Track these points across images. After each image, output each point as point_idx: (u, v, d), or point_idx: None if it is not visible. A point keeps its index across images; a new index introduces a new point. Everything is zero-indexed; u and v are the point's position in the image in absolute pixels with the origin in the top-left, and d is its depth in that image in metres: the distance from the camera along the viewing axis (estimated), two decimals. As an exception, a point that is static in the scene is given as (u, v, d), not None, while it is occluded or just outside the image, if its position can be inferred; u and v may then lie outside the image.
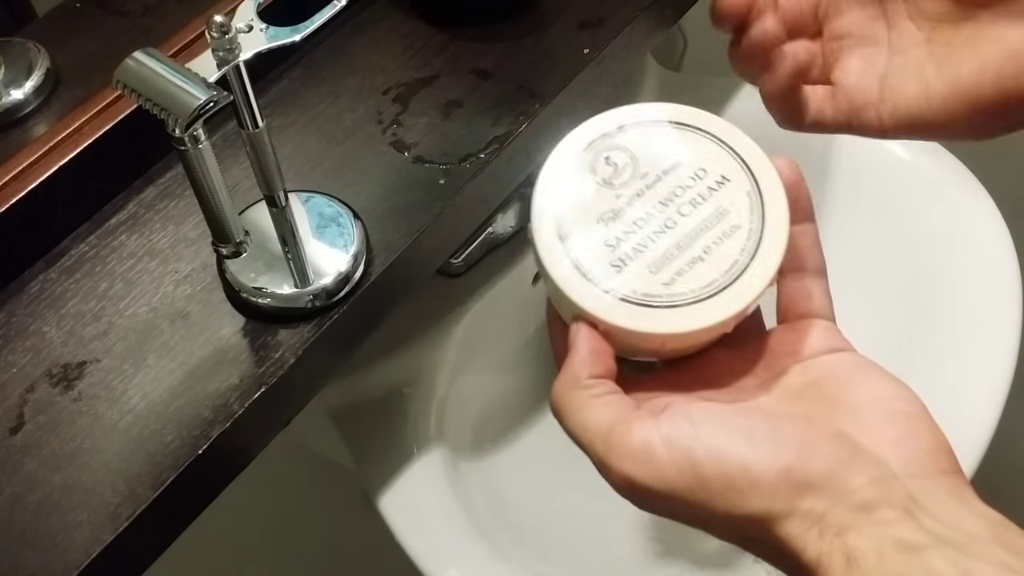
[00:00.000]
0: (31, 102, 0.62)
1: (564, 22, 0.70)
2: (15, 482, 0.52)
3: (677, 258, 0.41)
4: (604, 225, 0.42)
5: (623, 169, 0.42)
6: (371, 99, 0.66)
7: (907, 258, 0.83)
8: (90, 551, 0.50)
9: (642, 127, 0.43)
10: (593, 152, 0.43)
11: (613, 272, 0.41)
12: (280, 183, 0.54)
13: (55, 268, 0.60)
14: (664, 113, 0.43)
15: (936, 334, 0.79)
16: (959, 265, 0.80)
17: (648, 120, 0.43)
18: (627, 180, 0.42)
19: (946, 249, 0.82)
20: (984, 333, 0.78)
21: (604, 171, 0.42)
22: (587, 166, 0.43)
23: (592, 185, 0.42)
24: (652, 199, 0.42)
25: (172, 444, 0.53)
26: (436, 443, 0.76)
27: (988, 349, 0.77)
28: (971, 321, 0.78)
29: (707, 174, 0.42)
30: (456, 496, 0.73)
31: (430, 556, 0.70)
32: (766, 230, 0.41)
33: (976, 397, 0.75)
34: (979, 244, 0.81)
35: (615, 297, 0.40)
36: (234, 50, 0.47)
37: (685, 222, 0.42)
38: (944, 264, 0.81)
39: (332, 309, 0.57)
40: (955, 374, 0.76)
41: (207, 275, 0.59)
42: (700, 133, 0.43)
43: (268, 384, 0.54)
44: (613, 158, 0.43)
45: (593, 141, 0.43)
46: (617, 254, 0.41)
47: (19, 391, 0.55)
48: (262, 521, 0.93)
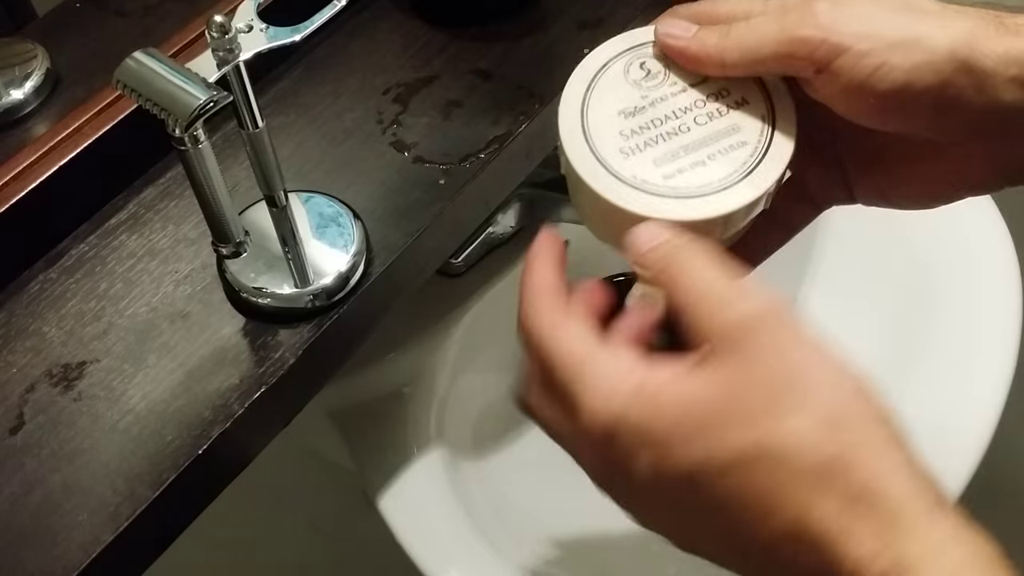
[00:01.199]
0: (31, 102, 0.62)
1: (564, 22, 0.70)
2: (15, 482, 0.52)
3: (681, 158, 0.44)
4: (623, 117, 0.45)
5: (655, 75, 0.46)
6: (371, 99, 0.66)
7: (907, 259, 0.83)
8: (90, 551, 0.50)
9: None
10: (632, 55, 0.47)
11: (620, 157, 0.44)
12: (280, 183, 0.54)
13: (55, 268, 0.60)
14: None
15: (936, 334, 0.79)
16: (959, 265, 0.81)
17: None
18: (655, 85, 0.46)
19: (946, 249, 0.82)
20: (984, 333, 0.78)
21: (637, 73, 0.46)
22: (623, 64, 0.46)
23: (622, 81, 0.46)
24: (673, 105, 0.45)
25: (172, 444, 0.53)
26: (436, 443, 0.76)
27: (988, 349, 0.77)
28: (971, 322, 0.78)
29: (729, 94, 0.45)
30: (456, 496, 0.73)
31: (430, 556, 0.70)
32: (769, 151, 0.44)
33: (976, 397, 0.75)
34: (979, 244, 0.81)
35: (614, 176, 0.44)
36: (234, 50, 0.47)
37: (698, 130, 0.45)
38: (944, 264, 0.81)
39: (332, 309, 0.57)
40: (955, 375, 0.76)
41: (207, 275, 0.59)
42: None
43: (268, 384, 0.54)
44: (648, 64, 0.46)
45: (635, 46, 0.47)
46: (628, 144, 0.45)
47: (19, 391, 0.55)
48: (262, 521, 0.93)
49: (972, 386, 0.75)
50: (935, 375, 0.77)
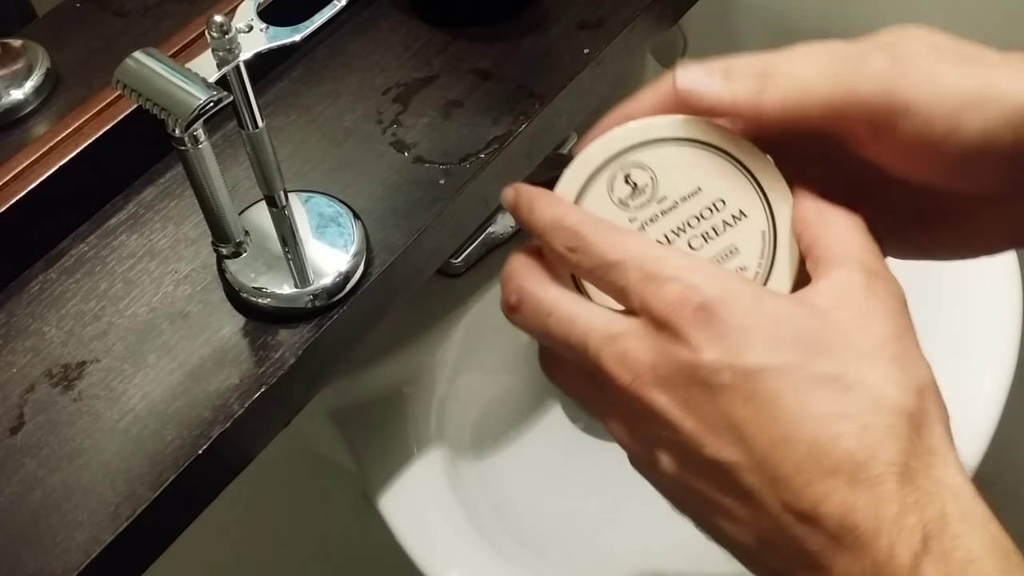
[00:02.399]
0: (31, 102, 0.62)
1: (564, 22, 0.70)
2: (15, 482, 0.52)
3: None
4: None
5: (642, 190, 0.41)
6: (371, 99, 0.66)
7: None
8: (90, 551, 0.50)
9: (667, 145, 0.41)
10: (614, 167, 0.41)
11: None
12: (280, 183, 0.54)
13: (55, 268, 0.60)
14: (691, 130, 0.41)
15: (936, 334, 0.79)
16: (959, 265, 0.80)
17: (674, 137, 0.41)
18: (644, 203, 0.41)
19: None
20: (984, 333, 0.78)
21: (622, 190, 0.41)
22: (606, 182, 0.41)
23: (607, 204, 0.41)
24: (665, 226, 0.41)
25: (172, 444, 0.53)
26: (436, 443, 0.76)
27: (988, 349, 0.77)
28: (971, 321, 0.78)
29: (725, 206, 0.41)
30: (456, 496, 0.73)
31: (430, 556, 0.70)
32: (771, 277, 0.41)
33: (976, 397, 0.75)
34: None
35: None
36: (234, 50, 0.47)
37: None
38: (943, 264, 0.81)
39: (332, 309, 0.57)
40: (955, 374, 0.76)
41: (207, 275, 0.59)
42: (726, 158, 0.41)
43: (268, 384, 0.54)
44: (633, 177, 0.41)
45: (615, 155, 0.41)
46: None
47: (19, 391, 0.55)
48: (262, 521, 0.93)
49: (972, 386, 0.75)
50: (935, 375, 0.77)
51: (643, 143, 0.41)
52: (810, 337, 0.35)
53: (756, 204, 0.40)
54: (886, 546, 0.33)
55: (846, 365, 0.35)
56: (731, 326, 0.35)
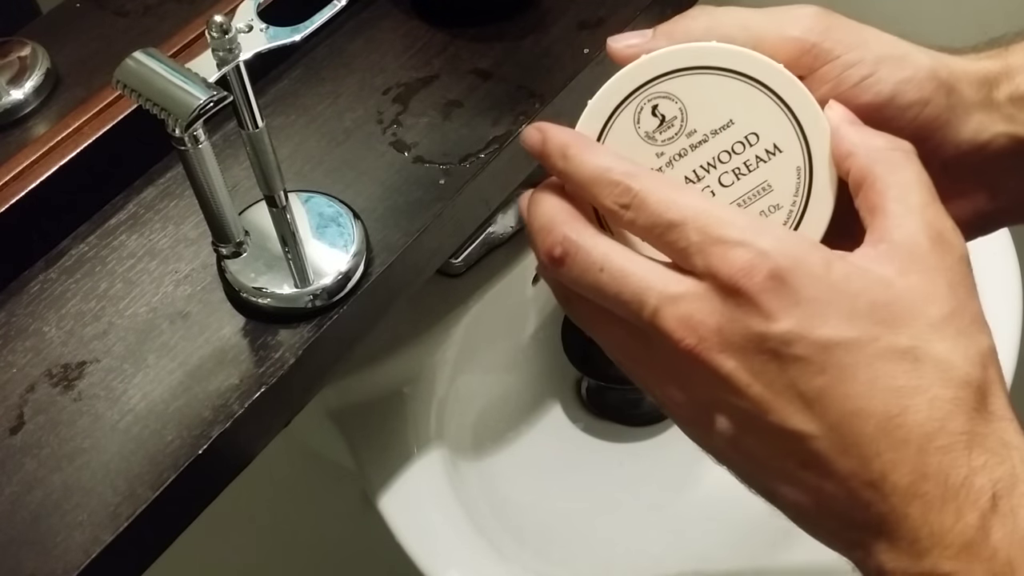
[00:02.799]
0: (31, 102, 0.62)
1: (564, 22, 0.70)
2: (15, 482, 0.52)
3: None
4: None
5: (670, 122, 0.39)
6: (371, 99, 0.66)
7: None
8: (90, 551, 0.50)
9: (697, 75, 0.39)
10: (641, 97, 0.39)
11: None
12: (280, 183, 0.54)
13: (55, 268, 0.60)
14: (722, 59, 0.39)
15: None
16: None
17: (705, 66, 0.39)
18: (672, 136, 0.39)
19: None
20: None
21: (649, 123, 0.39)
22: (632, 113, 0.39)
23: (634, 136, 0.39)
24: (695, 162, 0.39)
25: (172, 444, 0.53)
26: (436, 443, 0.76)
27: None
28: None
29: (759, 140, 0.39)
30: (456, 496, 0.73)
31: (430, 556, 0.70)
32: (808, 212, 0.39)
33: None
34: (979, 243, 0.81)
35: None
36: (234, 50, 0.47)
37: (724, 193, 0.39)
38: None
39: (332, 309, 0.57)
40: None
41: (207, 275, 0.59)
42: (758, 87, 0.39)
43: (268, 384, 0.54)
44: (661, 108, 0.39)
45: (641, 85, 0.39)
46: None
47: (19, 391, 0.55)
48: (262, 521, 0.93)
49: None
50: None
51: (671, 72, 0.39)
52: (881, 310, 0.36)
53: (791, 137, 0.39)
54: (953, 509, 0.34)
55: (916, 338, 0.36)
56: (803, 296, 0.35)
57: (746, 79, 0.39)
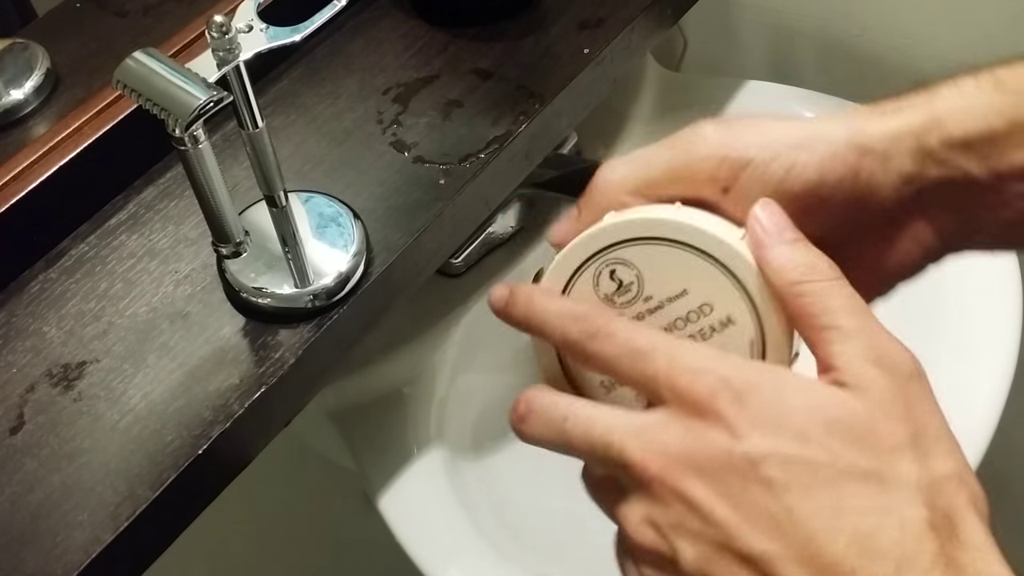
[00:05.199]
0: (31, 102, 0.62)
1: (564, 22, 0.70)
2: (15, 482, 0.52)
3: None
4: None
5: (628, 287, 0.41)
6: (371, 99, 0.66)
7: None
8: (90, 551, 0.50)
9: (650, 245, 0.40)
10: (600, 262, 0.41)
11: (601, 392, 0.41)
12: (280, 183, 0.54)
13: (55, 268, 0.60)
14: (681, 232, 0.40)
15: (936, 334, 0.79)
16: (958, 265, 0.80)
17: (663, 237, 0.40)
18: (630, 300, 0.41)
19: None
20: (984, 333, 0.78)
21: (608, 286, 0.41)
22: (591, 277, 0.41)
23: (594, 300, 0.41)
24: (653, 325, 0.40)
25: (172, 444, 0.53)
26: (436, 443, 0.76)
27: (988, 349, 0.77)
28: (971, 321, 0.78)
29: (712, 311, 0.40)
30: (456, 496, 0.73)
31: (430, 556, 0.70)
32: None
33: (976, 397, 0.75)
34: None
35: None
36: (234, 50, 0.47)
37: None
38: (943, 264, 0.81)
39: (332, 309, 0.57)
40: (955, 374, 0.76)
41: (207, 275, 0.59)
42: (709, 260, 0.40)
43: (268, 384, 0.54)
44: (619, 273, 0.41)
45: (601, 250, 0.41)
46: (609, 379, 0.41)
47: (19, 391, 0.55)
48: (262, 521, 0.93)
49: (972, 386, 0.75)
50: (935, 375, 0.77)
51: (627, 240, 0.40)
52: (844, 431, 0.36)
53: (744, 312, 0.40)
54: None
55: (879, 460, 0.36)
56: (767, 416, 0.36)
57: (698, 252, 0.40)
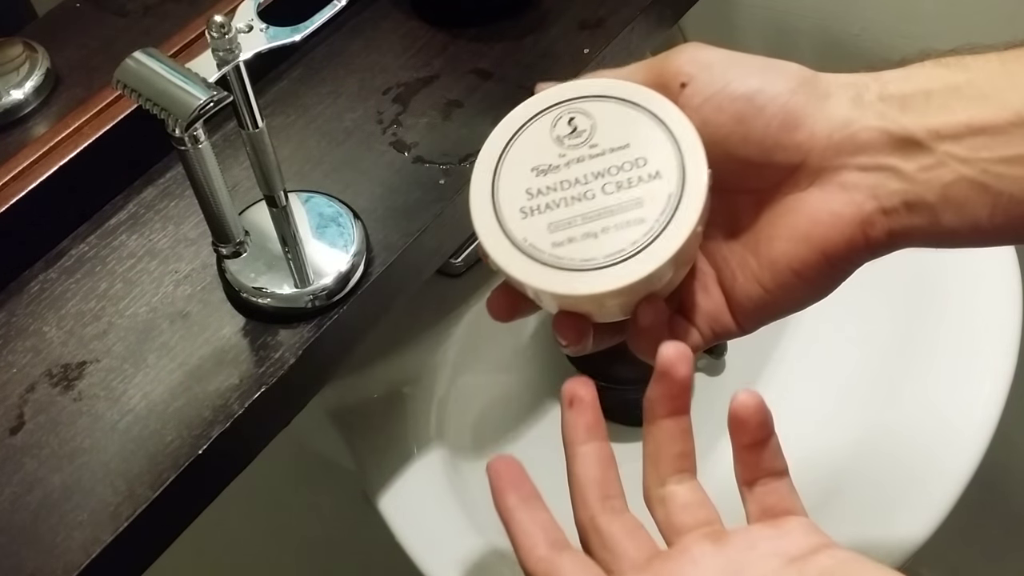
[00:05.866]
0: (31, 102, 0.62)
1: (564, 22, 0.70)
2: (15, 482, 0.52)
3: (576, 227, 0.43)
4: (534, 175, 0.44)
5: (579, 133, 0.44)
6: (371, 99, 0.66)
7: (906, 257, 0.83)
8: (90, 551, 0.50)
9: (617, 104, 0.45)
10: (562, 108, 0.45)
11: (519, 216, 0.44)
12: (280, 183, 0.54)
13: (55, 268, 0.60)
14: (647, 99, 0.45)
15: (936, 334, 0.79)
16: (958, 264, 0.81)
17: (629, 99, 0.45)
18: (577, 144, 0.44)
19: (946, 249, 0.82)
20: (984, 333, 0.78)
21: (562, 129, 0.45)
22: (552, 118, 0.45)
23: (546, 136, 0.45)
24: (587, 168, 0.44)
25: (172, 444, 0.53)
26: (436, 443, 0.76)
27: (988, 349, 0.77)
28: (971, 321, 0.78)
29: (646, 164, 0.44)
30: (456, 496, 0.73)
31: (430, 556, 0.71)
32: (660, 236, 0.43)
33: (976, 397, 0.75)
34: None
35: (506, 237, 0.44)
36: (234, 50, 0.47)
37: (602, 199, 0.44)
38: (943, 264, 0.81)
39: (332, 309, 0.57)
40: (955, 374, 0.76)
41: (207, 275, 0.59)
42: (664, 129, 0.44)
43: (268, 384, 0.54)
44: (576, 120, 0.45)
45: (568, 99, 0.45)
46: (531, 203, 0.44)
47: (19, 391, 0.55)
48: (262, 521, 0.93)
49: (972, 386, 0.75)
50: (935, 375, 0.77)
51: (597, 95, 0.45)
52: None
53: (673, 171, 0.43)
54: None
55: None
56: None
57: (652, 117, 0.44)
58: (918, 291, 0.81)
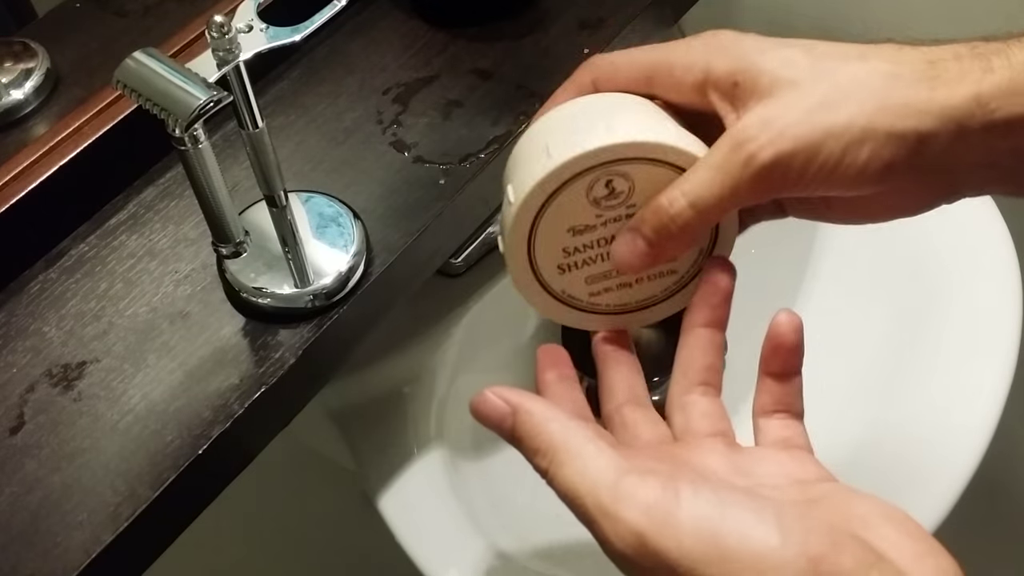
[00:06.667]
0: (31, 102, 0.62)
1: (564, 22, 0.70)
2: (15, 482, 0.52)
3: (612, 279, 0.46)
4: (571, 235, 0.45)
5: (618, 194, 0.44)
6: (371, 99, 0.66)
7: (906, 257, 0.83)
8: (90, 551, 0.50)
9: (657, 167, 0.44)
10: (601, 171, 0.43)
11: (556, 272, 0.46)
12: (280, 183, 0.54)
13: (55, 268, 0.60)
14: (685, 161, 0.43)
15: (936, 333, 0.79)
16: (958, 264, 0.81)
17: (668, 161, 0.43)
18: (613, 206, 0.44)
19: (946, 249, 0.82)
20: (984, 333, 0.78)
21: (600, 191, 0.44)
22: (588, 181, 0.44)
23: (583, 199, 0.44)
24: (624, 226, 0.45)
25: (172, 444, 0.53)
26: (436, 443, 0.76)
27: (988, 349, 0.77)
28: (971, 321, 0.78)
29: None
30: (456, 496, 0.73)
31: (430, 556, 0.70)
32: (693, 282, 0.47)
33: (976, 397, 0.75)
34: (979, 243, 0.81)
35: (543, 287, 0.47)
36: (234, 50, 0.47)
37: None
38: (943, 263, 0.81)
39: (332, 309, 0.57)
40: (955, 373, 0.76)
41: (207, 275, 0.59)
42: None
43: (268, 384, 0.55)
44: (614, 183, 0.44)
45: (608, 162, 0.43)
46: (568, 260, 0.46)
47: (19, 391, 0.55)
48: (262, 521, 0.93)
49: (972, 386, 0.75)
50: (935, 374, 0.77)
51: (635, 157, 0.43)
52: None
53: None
54: None
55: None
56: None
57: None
58: (919, 290, 0.81)
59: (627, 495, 0.37)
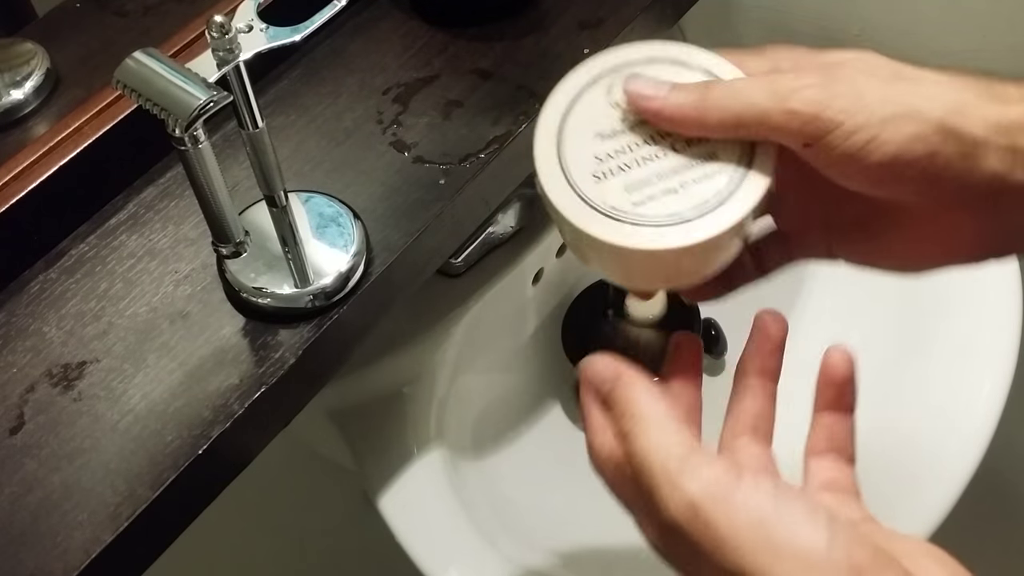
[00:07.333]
0: (31, 102, 0.62)
1: (564, 22, 0.70)
2: (15, 482, 0.52)
3: (654, 185, 0.43)
4: (600, 140, 0.44)
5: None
6: (371, 99, 0.66)
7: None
8: (90, 551, 0.50)
9: (672, 65, 0.44)
10: (617, 75, 0.44)
11: (592, 182, 0.43)
12: (280, 183, 0.54)
13: (55, 268, 0.60)
14: (701, 59, 0.44)
15: (936, 334, 0.79)
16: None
17: (681, 60, 0.44)
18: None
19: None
20: (984, 333, 0.78)
21: (620, 94, 0.44)
22: (607, 84, 0.44)
23: (603, 102, 0.44)
24: (652, 129, 0.44)
25: (172, 444, 0.53)
26: (436, 443, 0.76)
27: (988, 349, 0.77)
28: (971, 321, 0.78)
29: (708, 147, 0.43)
30: (456, 496, 0.73)
31: (430, 556, 0.71)
32: (743, 185, 0.43)
33: (976, 397, 0.75)
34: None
35: (584, 201, 0.43)
36: (234, 50, 0.47)
37: (674, 157, 0.43)
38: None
39: (332, 309, 0.57)
40: (955, 374, 0.76)
41: (207, 275, 0.59)
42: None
43: (268, 384, 0.55)
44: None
45: (620, 64, 0.45)
46: (602, 168, 0.43)
47: (19, 391, 0.55)
48: (262, 521, 0.93)
49: (972, 386, 0.76)
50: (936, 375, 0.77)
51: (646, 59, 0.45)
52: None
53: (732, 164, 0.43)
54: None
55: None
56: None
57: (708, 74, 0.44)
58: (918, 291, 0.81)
59: (693, 467, 0.39)
